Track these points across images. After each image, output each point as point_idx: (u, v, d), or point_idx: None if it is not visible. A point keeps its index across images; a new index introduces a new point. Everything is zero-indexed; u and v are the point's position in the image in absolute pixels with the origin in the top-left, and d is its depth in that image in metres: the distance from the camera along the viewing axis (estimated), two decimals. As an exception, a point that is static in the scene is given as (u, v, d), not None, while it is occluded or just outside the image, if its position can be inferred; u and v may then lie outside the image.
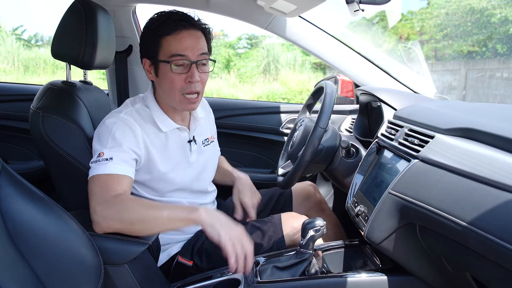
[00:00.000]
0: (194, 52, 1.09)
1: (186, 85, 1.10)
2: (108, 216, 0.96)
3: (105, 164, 1.02)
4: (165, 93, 1.14)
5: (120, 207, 0.97)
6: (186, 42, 1.08)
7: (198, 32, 1.12)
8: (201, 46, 1.11)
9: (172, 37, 1.08)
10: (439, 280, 0.91)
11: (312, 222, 0.99)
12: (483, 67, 6.54)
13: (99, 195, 0.99)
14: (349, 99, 2.05)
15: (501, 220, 0.63)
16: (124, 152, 1.05)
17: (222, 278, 1.07)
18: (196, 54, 1.09)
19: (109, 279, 0.96)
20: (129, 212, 0.96)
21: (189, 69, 1.09)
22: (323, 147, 1.29)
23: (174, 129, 1.19)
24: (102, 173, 1.01)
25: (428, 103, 1.21)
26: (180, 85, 1.10)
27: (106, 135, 1.07)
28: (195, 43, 1.09)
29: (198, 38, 1.11)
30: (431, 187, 0.80)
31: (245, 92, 8.53)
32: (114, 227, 0.96)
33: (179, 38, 1.08)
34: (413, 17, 8.36)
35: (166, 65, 1.09)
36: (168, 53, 1.08)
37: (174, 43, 1.08)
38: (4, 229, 0.74)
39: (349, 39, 1.92)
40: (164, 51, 1.09)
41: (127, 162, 1.05)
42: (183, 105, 1.14)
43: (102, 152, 1.04)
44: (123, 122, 1.09)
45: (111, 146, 1.05)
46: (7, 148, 2.07)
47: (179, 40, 1.08)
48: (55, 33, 1.23)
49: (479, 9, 6.99)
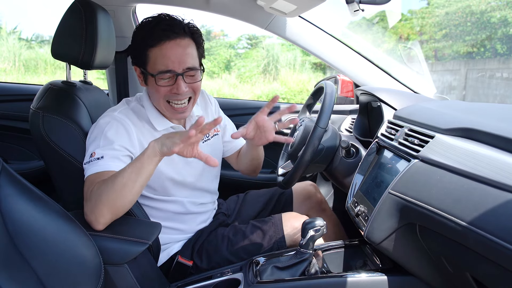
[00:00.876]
0: (180, 64, 1.08)
1: (172, 95, 1.11)
2: (93, 208, 0.95)
3: (96, 163, 1.02)
4: (154, 100, 1.16)
5: (96, 194, 0.96)
6: (171, 55, 1.07)
7: (185, 40, 1.10)
8: (188, 59, 1.09)
9: (158, 48, 1.07)
10: (439, 280, 0.91)
11: (312, 222, 0.99)
12: (483, 67, 6.54)
13: (85, 195, 1.00)
14: (349, 99, 2.05)
15: (501, 220, 0.63)
16: (114, 150, 1.05)
17: (222, 278, 1.07)
18: (182, 66, 1.08)
19: (109, 279, 0.95)
20: (103, 191, 0.95)
21: (175, 81, 1.09)
22: (323, 147, 1.29)
23: (169, 128, 1.19)
24: (93, 173, 1.01)
25: (428, 103, 1.21)
26: (166, 94, 1.11)
27: (99, 135, 1.07)
28: (180, 55, 1.08)
29: (185, 47, 1.09)
30: (431, 187, 0.80)
31: (245, 92, 8.54)
32: (106, 213, 0.95)
33: (164, 51, 1.07)
34: (413, 17, 8.36)
35: (152, 78, 1.09)
36: (154, 68, 1.08)
37: (160, 57, 1.07)
38: (4, 229, 0.74)
39: (349, 39, 1.92)
40: (151, 64, 1.09)
41: (118, 158, 1.05)
42: (170, 114, 1.15)
43: (93, 152, 1.05)
44: (116, 121, 1.10)
45: (103, 145, 1.05)
46: (7, 148, 2.07)
47: (164, 53, 1.07)
48: (55, 33, 1.23)
49: (478, 11, 7.00)
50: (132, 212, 1.12)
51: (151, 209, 1.22)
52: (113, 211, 0.96)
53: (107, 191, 0.94)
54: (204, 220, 1.34)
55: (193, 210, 1.28)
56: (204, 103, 1.36)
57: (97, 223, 0.96)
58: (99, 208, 0.95)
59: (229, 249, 1.23)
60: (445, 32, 7.74)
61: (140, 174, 0.95)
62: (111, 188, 0.94)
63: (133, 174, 0.94)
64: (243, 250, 1.22)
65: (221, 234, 1.27)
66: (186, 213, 1.27)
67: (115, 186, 0.94)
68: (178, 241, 1.27)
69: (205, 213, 1.34)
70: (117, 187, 0.94)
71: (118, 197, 0.95)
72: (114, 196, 0.94)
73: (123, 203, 0.97)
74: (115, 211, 0.97)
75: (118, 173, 0.96)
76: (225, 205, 1.50)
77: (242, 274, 1.06)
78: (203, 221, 1.33)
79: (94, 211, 0.95)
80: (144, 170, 0.95)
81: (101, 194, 0.95)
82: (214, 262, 1.21)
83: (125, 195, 0.95)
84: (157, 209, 1.22)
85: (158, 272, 1.13)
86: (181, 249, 1.26)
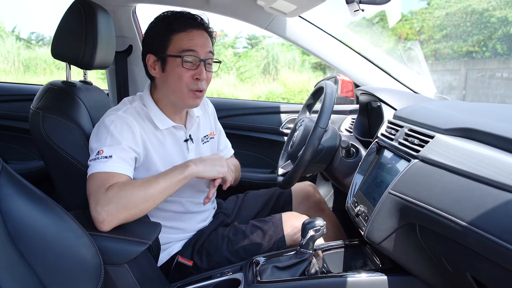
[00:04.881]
0: (204, 50, 1.13)
1: (193, 82, 1.13)
2: (112, 210, 0.94)
3: (105, 162, 1.02)
4: (170, 88, 1.15)
5: (119, 196, 0.96)
6: (197, 40, 1.12)
7: (206, 33, 1.16)
8: (209, 46, 1.16)
9: (184, 34, 1.12)
10: (439, 280, 0.91)
11: (312, 222, 0.99)
12: (483, 67, 6.54)
13: (96, 194, 0.98)
14: (349, 99, 2.05)
15: (501, 220, 0.63)
16: (123, 151, 1.05)
17: (222, 278, 1.07)
18: (205, 52, 1.13)
19: (109, 279, 0.95)
20: (129, 197, 0.96)
21: (197, 66, 1.12)
22: (323, 147, 1.29)
23: (170, 128, 1.19)
24: (102, 171, 1.01)
25: (428, 103, 1.21)
26: (187, 80, 1.12)
27: (104, 133, 1.07)
28: (204, 42, 1.14)
29: (206, 39, 1.16)
30: (431, 187, 0.80)
31: (245, 92, 8.53)
32: (123, 217, 0.96)
33: (190, 36, 1.12)
34: (413, 17, 8.36)
35: (175, 60, 1.11)
36: (179, 48, 1.11)
37: (186, 39, 1.11)
38: (4, 229, 0.74)
39: (349, 39, 1.92)
40: (174, 46, 1.11)
41: (126, 161, 1.05)
42: (188, 99, 1.15)
43: (101, 150, 1.04)
44: (121, 120, 1.09)
45: (110, 144, 1.04)
46: (7, 148, 2.07)
47: (191, 38, 1.12)
48: (55, 33, 1.23)
49: (479, 10, 6.99)
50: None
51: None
52: (129, 217, 0.98)
53: (134, 199, 0.96)
54: (204, 219, 1.34)
55: (193, 210, 1.28)
56: (203, 104, 1.37)
57: (105, 225, 0.95)
58: (119, 212, 0.95)
59: (229, 249, 1.23)
60: (445, 33, 7.74)
61: (173, 190, 1.04)
62: (141, 197, 0.97)
63: (166, 188, 1.02)
64: (243, 250, 1.22)
65: (221, 234, 1.28)
66: (186, 213, 1.27)
67: (146, 197, 0.98)
68: (178, 241, 1.27)
69: (205, 212, 1.35)
70: (148, 197, 0.98)
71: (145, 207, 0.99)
72: (139, 202, 0.97)
73: (143, 212, 1.00)
74: (131, 217, 0.99)
75: (149, 184, 1.00)
76: (225, 204, 1.50)
77: (242, 274, 1.06)
78: (202, 220, 1.33)
79: (110, 212, 0.94)
80: (179, 186, 1.05)
81: (126, 199, 0.96)
82: (214, 262, 1.21)
83: (149, 206, 1.00)
84: (157, 209, 1.22)
85: (158, 272, 1.13)
86: (181, 249, 1.26)
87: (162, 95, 1.18)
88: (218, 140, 1.44)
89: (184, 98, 1.15)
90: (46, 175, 1.22)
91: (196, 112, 1.27)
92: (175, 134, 1.21)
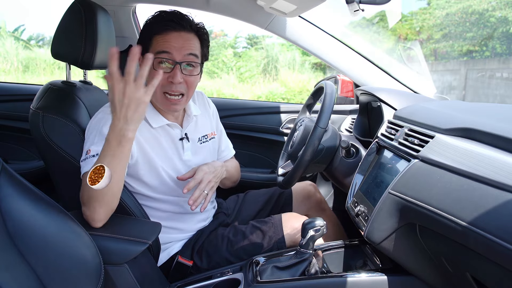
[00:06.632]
0: (180, 52, 1.10)
1: (167, 84, 1.11)
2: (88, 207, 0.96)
3: (92, 160, 1.01)
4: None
5: (85, 193, 0.97)
6: (172, 42, 1.10)
7: (190, 35, 1.12)
8: (190, 47, 1.11)
9: (161, 36, 1.10)
10: (439, 280, 0.91)
11: (312, 222, 0.99)
12: (483, 67, 6.53)
13: (82, 194, 0.99)
14: (349, 99, 2.05)
15: (501, 220, 0.63)
16: None
17: (222, 278, 1.07)
18: (182, 54, 1.10)
19: (109, 279, 0.95)
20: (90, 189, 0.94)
21: (172, 69, 1.10)
22: (323, 147, 1.29)
23: (164, 126, 1.19)
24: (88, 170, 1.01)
25: (428, 103, 1.21)
26: (162, 83, 1.10)
27: (94, 132, 1.07)
28: (182, 44, 1.10)
29: (188, 40, 1.11)
30: (431, 187, 0.80)
31: (245, 92, 8.53)
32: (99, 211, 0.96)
33: (166, 38, 1.10)
34: (413, 18, 8.36)
35: (155, 61, 1.10)
36: (154, 50, 1.10)
37: (161, 41, 1.10)
38: (4, 229, 0.74)
39: (349, 39, 1.92)
40: (154, 48, 1.11)
41: None
42: (164, 105, 1.15)
43: (89, 149, 1.04)
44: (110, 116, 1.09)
45: (97, 141, 1.04)
46: (7, 148, 2.07)
47: (166, 40, 1.10)
48: (55, 33, 1.23)
49: (479, 10, 6.99)
50: (132, 212, 1.12)
51: (150, 209, 1.22)
52: (103, 204, 0.97)
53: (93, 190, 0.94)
54: (204, 219, 1.34)
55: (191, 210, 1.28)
56: (203, 104, 1.37)
57: (92, 221, 0.97)
58: (92, 205, 0.96)
59: (229, 249, 1.23)
60: (445, 33, 7.74)
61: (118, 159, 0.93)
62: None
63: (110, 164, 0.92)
64: (243, 251, 1.22)
65: (221, 234, 1.27)
66: (185, 213, 1.27)
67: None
68: (178, 241, 1.27)
69: (204, 212, 1.34)
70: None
71: (108, 192, 0.95)
72: (103, 192, 0.94)
73: (116, 193, 0.98)
74: (105, 204, 0.97)
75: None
76: (225, 204, 1.50)
77: (242, 274, 1.06)
78: (202, 220, 1.33)
79: (89, 208, 0.97)
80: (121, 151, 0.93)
81: (89, 190, 0.95)
82: (214, 262, 1.21)
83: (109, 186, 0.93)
84: (157, 209, 1.22)
85: (158, 272, 1.13)
86: (181, 249, 1.26)
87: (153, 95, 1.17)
88: (219, 140, 1.44)
89: (159, 102, 1.15)
90: (46, 175, 1.23)
91: (194, 111, 1.27)
92: (169, 132, 1.21)
